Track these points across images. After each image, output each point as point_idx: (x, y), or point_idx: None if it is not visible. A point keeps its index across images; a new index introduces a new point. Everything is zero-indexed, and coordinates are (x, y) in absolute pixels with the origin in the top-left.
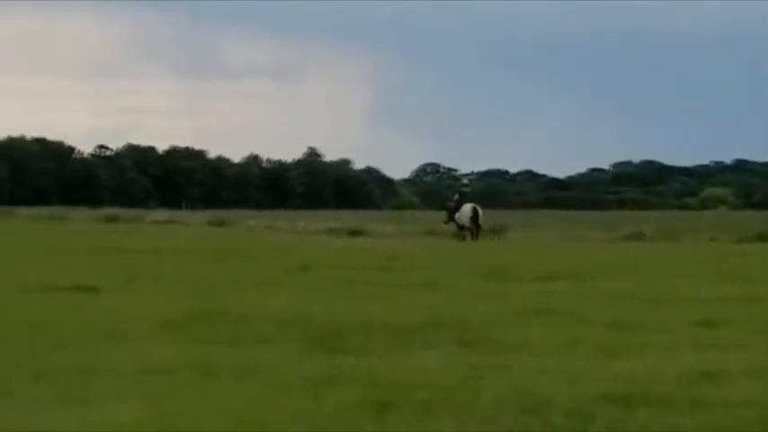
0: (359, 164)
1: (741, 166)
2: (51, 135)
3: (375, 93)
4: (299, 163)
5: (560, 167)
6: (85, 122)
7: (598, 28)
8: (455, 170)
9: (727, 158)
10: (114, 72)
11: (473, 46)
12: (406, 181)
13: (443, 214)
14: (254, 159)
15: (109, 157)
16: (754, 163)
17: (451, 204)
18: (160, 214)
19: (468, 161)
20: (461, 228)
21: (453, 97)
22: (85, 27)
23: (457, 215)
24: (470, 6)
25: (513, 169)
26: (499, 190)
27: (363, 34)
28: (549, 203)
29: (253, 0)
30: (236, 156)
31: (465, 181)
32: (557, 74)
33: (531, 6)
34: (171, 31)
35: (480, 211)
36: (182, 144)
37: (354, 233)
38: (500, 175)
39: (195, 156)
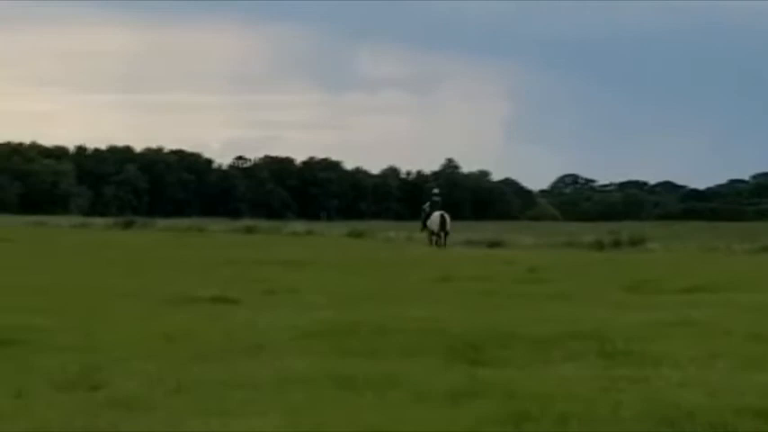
0: (497, 175)
1: None
2: (189, 147)
3: (513, 104)
4: (437, 174)
5: (700, 178)
6: (223, 134)
7: (739, 36)
8: (593, 181)
9: None
10: (252, 85)
11: (611, 57)
12: (544, 192)
13: (418, 222)
14: (392, 171)
15: (247, 169)
16: None
17: (424, 211)
18: (298, 226)
19: (606, 172)
20: (432, 234)
21: (592, 108)
22: (224, 41)
23: (428, 222)
24: (609, 19)
25: (653, 180)
26: (638, 201)
27: (501, 46)
28: (689, 215)
29: (391, 13)
30: (375, 167)
31: (435, 190)
32: (696, 84)
33: (668, 18)
34: (309, 44)
35: (448, 219)
36: (320, 156)
37: (493, 244)
38: (639, 186)
39: (333, 167)
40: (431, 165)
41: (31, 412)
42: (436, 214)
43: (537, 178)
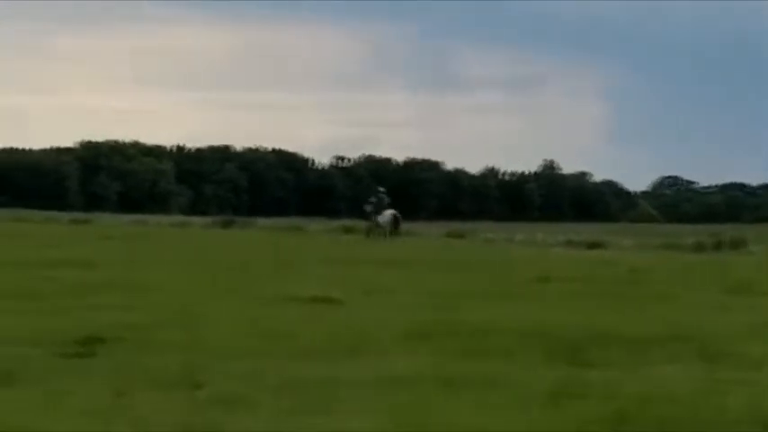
0: (597, 176)
1: None
2: (289, 146)
3: (613, 104)
4: (536, 175)
5: None
6: (322, 134)
7: None
8: (694, 183)
9: None
10: (351, 85)
11: (712, 58)
12: (644, 194)
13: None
14: (491, 171)
15: (346, 169)
16: None
17: (371, 203)
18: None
19: (707, 174)
20: (378, 227)
21: (693, 109)
22: (323, 41)
23: (380, 217)
24: (711, 19)
25: (754, 182)
26: (739, 203)
27: (602, 46)
28: None
29: (491, 12)
30: (473, 168)
31: (381, 189)
32: None
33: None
34: (408, 44)
35: (400, 217)
36: (418, 156)
37: (593, 245)
38: (740, 188)
39: (432, 168)
40: (530, 165)
41: (132, 410)
42: (389, 212)
43: (637, 179)
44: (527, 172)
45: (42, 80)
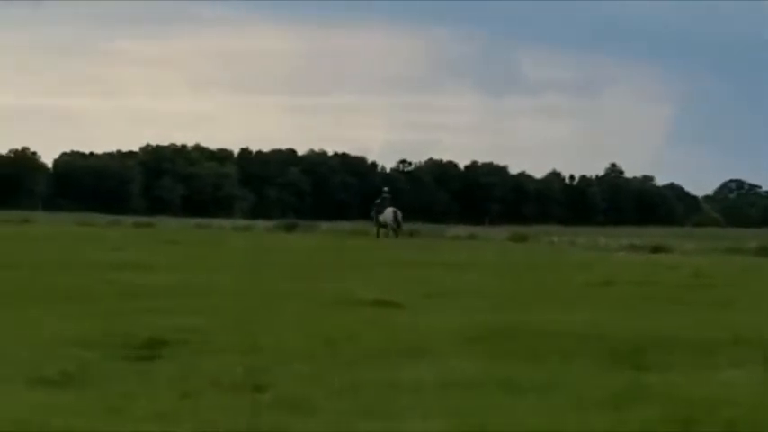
0: (660, 180)
1: None
2: (351, 149)
3: (677, 108)
4: (600, 179)
5: None
6: (385, 137)
7: None
8: (758, 187)
9: None
10: (415, 88)
11: None
12: (708, 198)
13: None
14: (555, 176)
15: (410, 172)
16: None
17: (375, 206)
18: (461, 230)
19: None
20: (383, 226)
21: (757, 112)
22: (387, 44)
23: (381, 216)
24: None
25: None
26: None
27: (665, 48)
28: None
29: (553, 15)
30: (538, 172)
31: (386, 188)
32: None
33: None
34: (472, 47)
35: (400, 214)
36: (482, 160)
37: (656, 249)
38: None
39: (496, 172)
40: (594, 169)
41: (196, 413)
42: (389, 210)
43: (701, 183)
44: (590, 176)
45: (106, 84)
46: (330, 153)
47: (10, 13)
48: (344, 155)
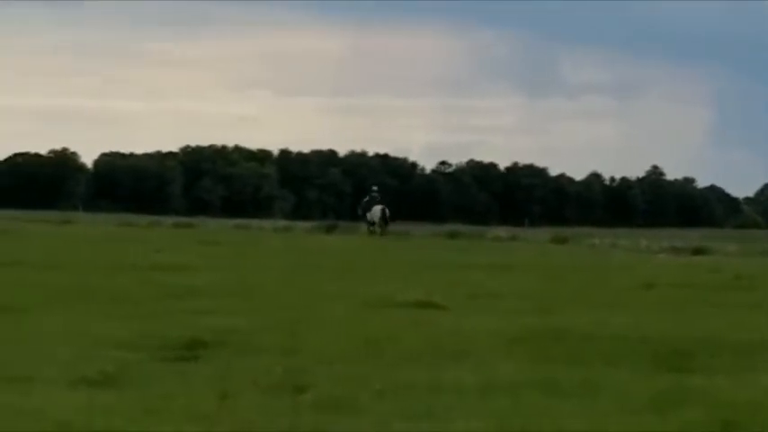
0: (701, 182)
1: None
2: (391, 150)
3: (719, 110)
4: (641, 181)
5: None
6: (426, 139)
7: None
8: None
9: None
10: (455, 89)
11: None
12: (749, 199)
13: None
14: (596, 177)
15: (450, 174)
16: None
17: (362, 205)
18: (502, 231)
19: None
20: (372, 224)
21: None
22: (428, 45)
23: (368, 214)
24: None
25: None
26: None
27: (706, 49)
28: None
29: (594, 17)
30: (578, 174)
31: (374, 188)
32: None
33: None
34: (513, 49)
35: (387, 212)
36: (523, 161)
37: (697, 252)
38: None
39: (537, 173)
40: (635, 171)
41: (236, 413)
42: (377, 208)
43: (742, 185)
44: (631, 177)
45: (147, 85)
46: (370, 154)
47: (53, 14)
48: (385, 156)
